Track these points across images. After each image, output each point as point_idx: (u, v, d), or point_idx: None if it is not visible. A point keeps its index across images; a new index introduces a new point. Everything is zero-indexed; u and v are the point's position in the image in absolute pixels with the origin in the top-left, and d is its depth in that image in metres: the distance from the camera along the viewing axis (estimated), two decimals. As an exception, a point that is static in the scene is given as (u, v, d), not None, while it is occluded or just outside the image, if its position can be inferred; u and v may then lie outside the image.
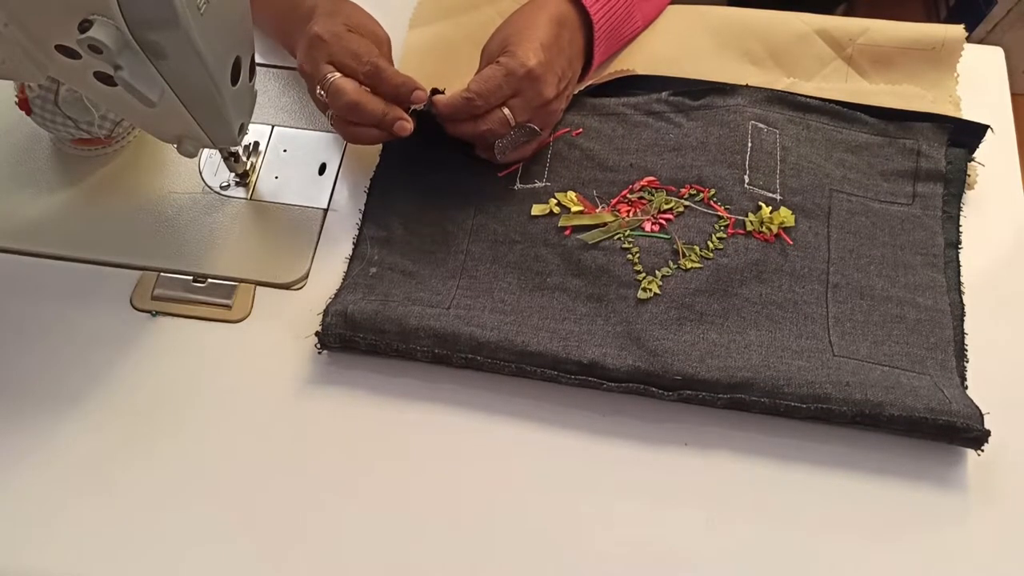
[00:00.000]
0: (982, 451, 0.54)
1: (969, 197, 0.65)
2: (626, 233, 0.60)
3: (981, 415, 0.53)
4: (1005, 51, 0.73)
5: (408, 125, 0.58)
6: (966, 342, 0.59)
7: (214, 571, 0.52)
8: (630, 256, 0.59)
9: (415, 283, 0.60)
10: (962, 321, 0.59)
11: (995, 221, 0.65)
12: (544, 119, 0.61)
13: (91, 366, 0.58)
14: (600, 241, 0.59)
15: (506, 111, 0.58)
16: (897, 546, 0.53)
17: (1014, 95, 0.71)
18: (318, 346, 0.58)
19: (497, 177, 0.64)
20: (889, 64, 0.69)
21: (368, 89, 0.59)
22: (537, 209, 0.61)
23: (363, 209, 0.64)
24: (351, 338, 0.56)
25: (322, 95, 0.58)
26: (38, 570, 0.52)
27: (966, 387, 0.57)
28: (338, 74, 0.58)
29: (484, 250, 0.61)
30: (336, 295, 0.59)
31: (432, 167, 0.65)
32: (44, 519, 0.53)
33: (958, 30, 0.68)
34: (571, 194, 0.62)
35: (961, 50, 0.69)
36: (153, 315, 0.60)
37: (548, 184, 0.63)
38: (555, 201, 0.61)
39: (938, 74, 0.69)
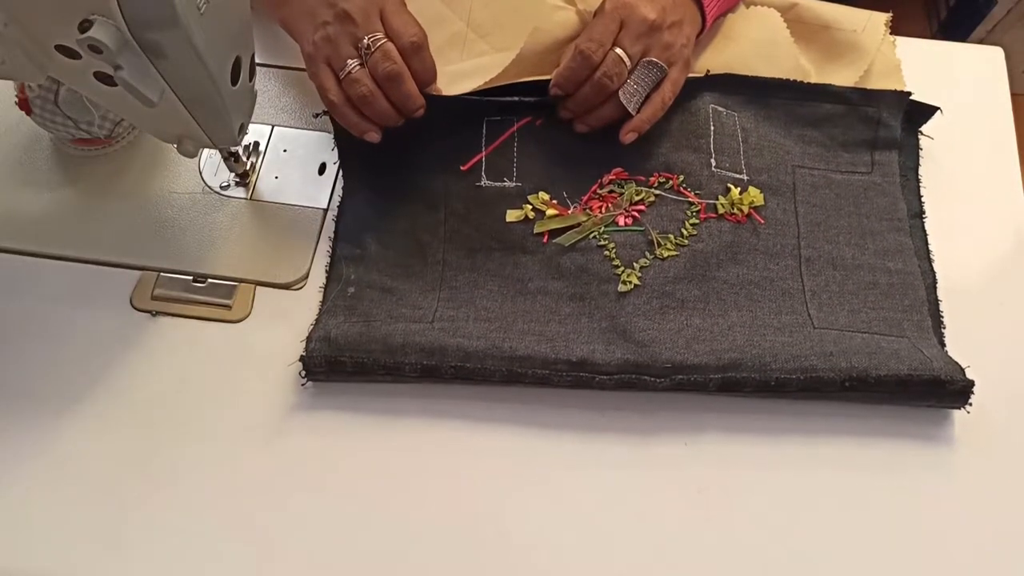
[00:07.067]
0: (970, 406, 0.55)
1: (968, 195, 0.66)
2: (600, 230, 0.60)
3: (962, 368, 0.55)
4: (1005, 51, 0.73)
5: (422, 112, 0.58)
6: (941, 310, 0.60)
7: (213, 570, 0.52)
8: (607, 252, 0.59)
9: (395, 299, 0.59)
10: (935, 288, 0.61)
11: (995, 221, 0.65)
12: (660, 52, 0.58)
13: (91, 366, 0.58)
14: (576, 242, 0.59)
15: (617, 50, 0.57)
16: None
17: (1014, 95, 0.71)
18: (303, 374, 0.56)
19: (462, 173, 0.62)
20: (811, 40, 0.69)
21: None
22: (512, 215, 0.61)
23: (335, 229, 0.63)
24: (336, 359, 0.55)
25: (366, 48, 0.56)
26: (38, 570, 0.52)
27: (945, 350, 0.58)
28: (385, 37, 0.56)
29: (461, 259, 0.61)
30: (317, 321, 0.58)
31: (394, 170, 0.64)
32: (44, 519, 0.53)
33: (882, 16, 0.69)
34: (543, 195, 0.61)
35: (884, 29, 0.68)
36: (153, 315, 0.60)
37: (519, 184, 0.62)
38: (530, 207, 0.61)
39: (857, 54, 0.68)
